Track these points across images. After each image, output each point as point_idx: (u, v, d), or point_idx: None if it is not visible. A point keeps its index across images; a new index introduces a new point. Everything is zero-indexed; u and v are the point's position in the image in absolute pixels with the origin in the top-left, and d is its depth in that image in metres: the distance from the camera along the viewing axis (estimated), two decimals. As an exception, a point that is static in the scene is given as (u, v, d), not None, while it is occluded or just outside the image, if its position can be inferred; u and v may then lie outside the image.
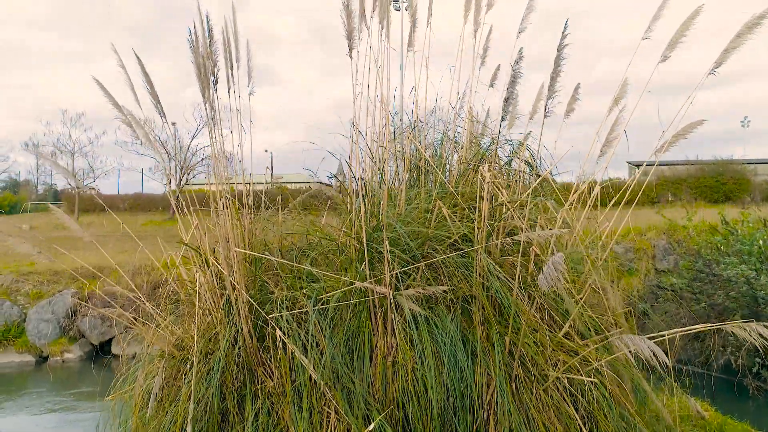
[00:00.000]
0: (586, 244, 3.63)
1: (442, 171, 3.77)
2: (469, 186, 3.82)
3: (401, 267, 3.23)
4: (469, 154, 3.85)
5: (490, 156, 3.98)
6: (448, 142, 3.96)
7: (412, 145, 3.82)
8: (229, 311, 3.42)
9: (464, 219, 3.57)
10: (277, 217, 4.44)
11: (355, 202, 3.45)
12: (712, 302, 5.69)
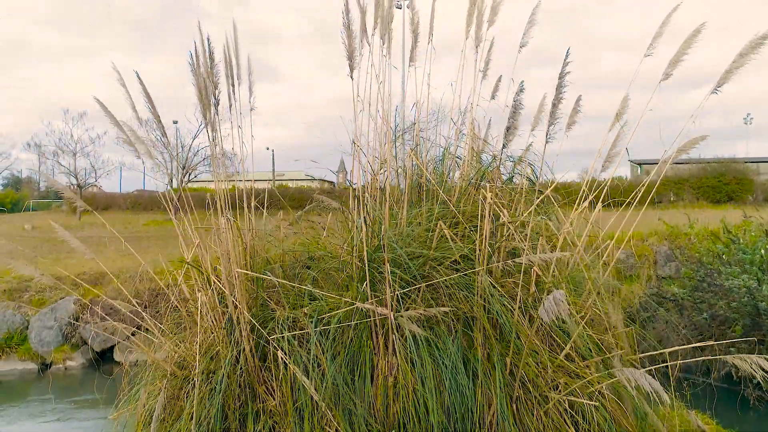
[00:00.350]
0: (587, 263, 3.63)
1: (444, 188, 3.77)
2: (471, 203, 3.82)
3: (402, 287, 3.24)
4: (470, 171, 3.85)
5: (492, 172, 3.98)
6: (450, 158, 3.97)
7: (414, 162, 3.82)
8: (231, 330, 3.43)
9: (465, 237, 3.58)
10: (278, 232, 4.46)
11: (357, 222, 3.45)
12: (714, 312, 5.69)
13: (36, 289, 7.73)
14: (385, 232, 3.29)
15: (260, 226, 4.22)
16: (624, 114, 3.96)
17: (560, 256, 3.06)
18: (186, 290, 3.78)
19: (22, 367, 6.78)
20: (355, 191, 3.68)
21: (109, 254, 11.92)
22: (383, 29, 3.78)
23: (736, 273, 6.04)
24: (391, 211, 3.66)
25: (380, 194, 3.71)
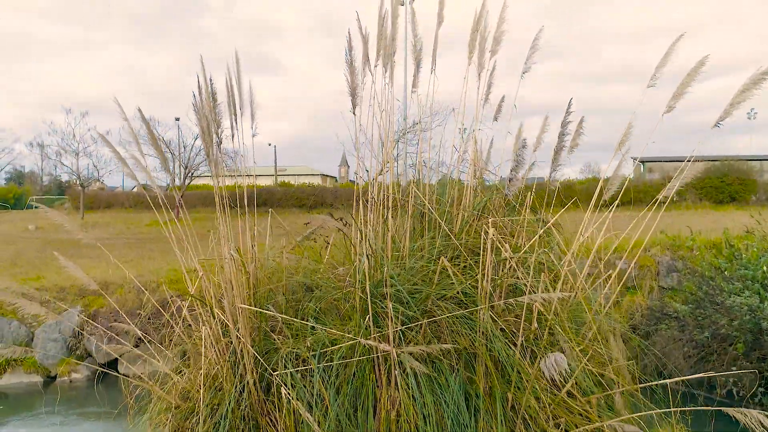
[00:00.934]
0: (588, 294, 3.64)
1: (446, 218, 3.78)
2: (473, 233, 3.84)
3: (404, 323, 3.26)
4: (473, 202, 3.86)
5: (494, 202, 3.99)
6: (452, 187, 3.98)
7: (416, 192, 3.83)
8: (235, 363, 3.46)
9: (467, 269, 3.60)
10: (281, 257, 4.47)
11: (360, 254, 3.47)
12: (716, 331, 5.71)
13: (41, 300, 7.78)
14: (387, 264, 3.30)
15: (264, 237, 4.24)
16: (627, 142, 3.98)
17: (561, 296, 3.07)
18: (189, 318, 3.81)
19: (27, 380, 6.83)
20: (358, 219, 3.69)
21: (111, 260, 11.98)
22: (386, 60, 3.78)
23: (738, 289, 6.05)
24: (394, 243, 3.68)
25: (383, 225, 3.72)
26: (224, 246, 3.77)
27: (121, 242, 15.85)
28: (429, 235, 3.75)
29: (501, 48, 3.89)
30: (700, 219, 15.18)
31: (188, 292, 3.87)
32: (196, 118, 3.24)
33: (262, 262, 4.04)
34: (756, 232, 7.50)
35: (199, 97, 3.19)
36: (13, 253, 13.03)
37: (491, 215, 3.85)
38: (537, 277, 3.34)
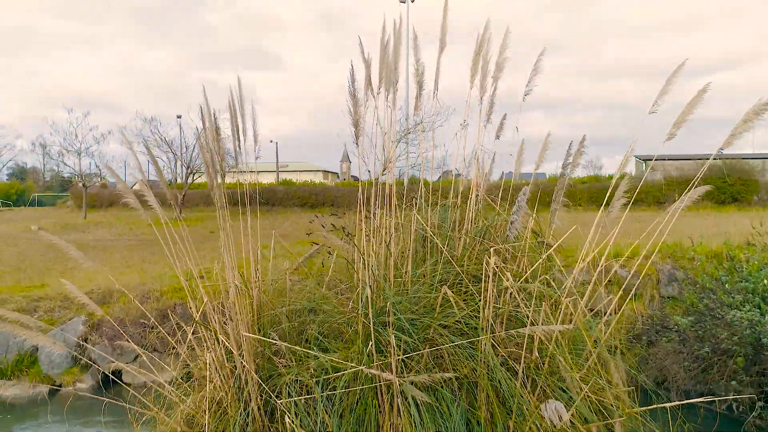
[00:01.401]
0: (588, 318, 3.68)
1: (448, 243, 3.82)
2: (475, 258, 3.87)
3: (406, 351, 3.31)
4: (474, 227, 3.89)
5: (497, 228, 4.02)
6: (455, 213, 4.01)
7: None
8: (240, 390, 3.51)
9: (469, 296, 3.63)
10: (284, 279, 4.51)
11: (363, 282, 3.50)
12: (716, 346, 5.74)
13: (45, 309, 7.83)
14: (390, 295, 3.34)
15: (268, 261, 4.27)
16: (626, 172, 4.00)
17: (562, 329, 3.10)
18: (194, 344, 3.85)
19: (33, 390, 6.89)
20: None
21: (115, 263, 12.02)
22: (387, 85, 3.81)
23: (738, 302, 6.07)
24: (396, 268, 3.71)
25: (385, 250, 3.75)
26: (228, 267, 3.80)
27: (123, 243, 15.91)
28: (431, 260, 3.78)
29: (503, 74, 3.91)
30: (701, 222, 15.17)
31: (190, 304, 3.91)
32: (199, 150, 3.26)
33: (266, 286, 4.08)
34: (757, 243, 7.52)
35: (204, 132, 3.22)
36: (17, 256, 13.09)
37: (493, 239, 3.88)
38: (538, 306, 3.38)
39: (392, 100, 3.97)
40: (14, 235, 19.52)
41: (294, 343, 3.80)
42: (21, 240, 17.58)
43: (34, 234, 19.46)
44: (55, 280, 9.54)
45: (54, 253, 13.58)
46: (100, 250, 14.39)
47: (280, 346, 3.79)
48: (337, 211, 9.50)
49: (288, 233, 17.87)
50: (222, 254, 3.82)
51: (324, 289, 4.42)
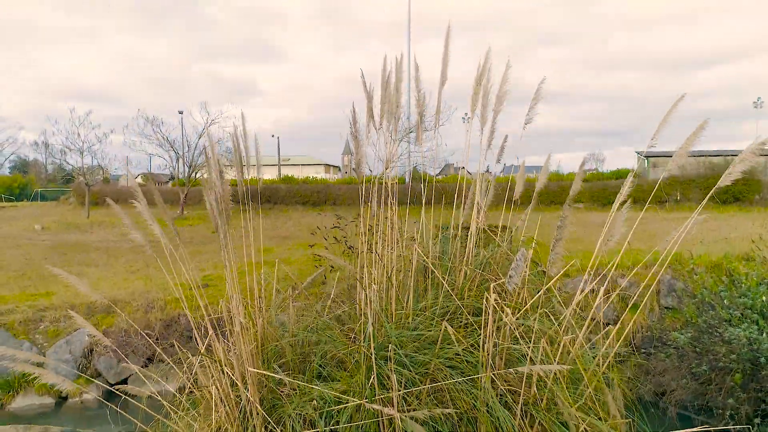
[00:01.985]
0: (585, 350, 3.74)
1: (449, 274, 3.88)
2: (475, 290, 3.93)
3: (408, 384, 3.38)
4: (475, 259, 3.95)
5: (496, 257, 4.08)
6: (455, 244, 4.06)
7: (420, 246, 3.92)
8: (244, 420, 3.59)
9: (469, 326, 3.70)
10: (289, 303, 4.58)
11: (365, 318, 3.57)
12: (714, 364, 5.80)
13: (51, 319, 7.92)
14: (392, 334, 3.40)
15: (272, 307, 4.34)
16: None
17: (559, 368, 3.16)
18: (201, 376, 3.92)
19: (39, 401, 6.99)
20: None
21: (119, 268, 12.10)
22: (389, 117, 3.85)
23: (737, 318, 6.13)
24: (398, 301, 3.78)
25: (387, 281, 3.82)
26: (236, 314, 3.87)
27: (127, 245, 15.98)
28: (432, 292, 3.84)
29: (504, 106, 3.95)
30: (702, 225, 15.24)
31: (193, 311, 3.98)
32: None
33: (270, 317, 4.14)
34: (756, 256, 7.56)
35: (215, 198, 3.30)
36: (22, 260, 13.17)
37: (493, 270, 3.94)
38: (537, 341, 3.44)
39: (394, 130, 4.02)
40: (17, 234, 19.60)
41: (297, 372, 3.89)
42: (24, 240, 17.67)
43: (38, 234, 19.55)
44: (61, 287, 9.63)
45: (58, 257, 13.69)
46: (103, 253, 14.48)
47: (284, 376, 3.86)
48: (339, 220, 9.55)
49: (290, 234, 17.94)
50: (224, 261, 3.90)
51: (326, 311, 4.50)
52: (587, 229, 15.14)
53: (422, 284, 3.98)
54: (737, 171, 3.46)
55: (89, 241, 17.06)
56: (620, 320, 8.66)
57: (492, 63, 4.14)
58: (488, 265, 3.99)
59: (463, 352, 3.43)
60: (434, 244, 4.18)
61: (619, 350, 6.71)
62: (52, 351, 7.37)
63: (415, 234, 4.35)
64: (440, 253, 4.14)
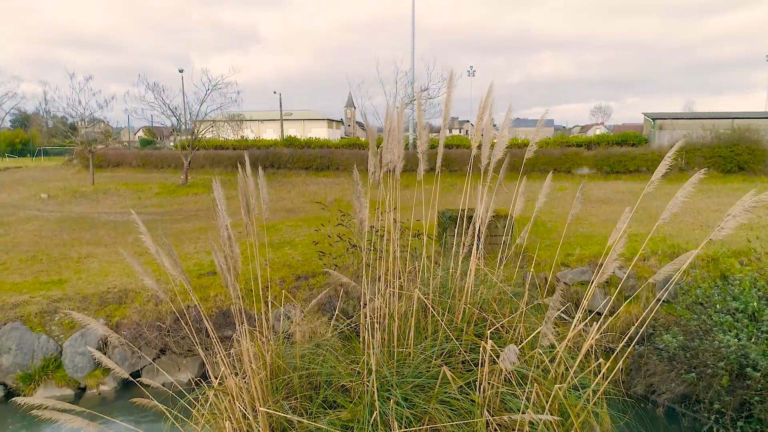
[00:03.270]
0: (574, 393, 3.96)
1: (448, 311, 4.06)
2: (472, 329, 4.12)
3: (408, 420, 3.62)
4: (473, 300, 4.11)
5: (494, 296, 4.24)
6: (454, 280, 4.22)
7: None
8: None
9: (466, 365, 3.91)
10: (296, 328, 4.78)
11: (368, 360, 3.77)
12: (702, 371, 6.06)
13: (65, 311, 8.21)
14: (391, 371, 3.61)
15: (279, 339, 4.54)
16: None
17: (548, 419, 3.37)
18: (215, 404, 4.16)
19: (59, 393, 7.35)
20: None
21: (127, 247, 12.32)
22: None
23: (728, 323, 6.35)
24: (399, 340, 3.97)
25: (389, 319, 4.01)
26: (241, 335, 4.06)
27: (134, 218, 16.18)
28: (432, 327, 4.03)
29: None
30: (703, 199, 15.27)
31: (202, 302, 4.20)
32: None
33: (279, 350, 4.35)
34: (754, 251, 7.71)
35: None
36: (33, 237, 13.42)
37: (490, 307, 4.12)
38: (531, 387, 3.65)
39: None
40: (24, 204, 19.83)
41: (305, 399, 4.14)
42: (32, 212, 17.90)
43: (45, 204, 19.79)
44: (72, 273, 9.90)
45: (67, 234, 13.92)
46: (111, 229, 14.71)
47: (292, 405, 4.11)
48: (343, 217, 9.65)
49: (295, 206, 18.10)
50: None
51: (330, 331, 4.72)
52: (590, 207, 15.24)
53: (422, 322, 4.16)
54: (731, 226, 3.53)
55: (97, 215, 17.27)
56: (617, 312, 8.93)
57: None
58: (486, 303, 4.16)
59: (460, 392, 3.64)
60: (434, 277, 4.34)
61: (614, 342, 6.95)
62: (68, 344, 7.68)
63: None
64: (440, 288, 4.30)
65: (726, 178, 20.45)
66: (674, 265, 3.55)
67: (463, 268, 4.41)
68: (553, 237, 11.05)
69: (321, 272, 9.48)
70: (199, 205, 19.02)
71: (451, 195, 18.58)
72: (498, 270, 4.46)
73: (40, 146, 57.61)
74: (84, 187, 23.80)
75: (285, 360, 4.31)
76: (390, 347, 3.96)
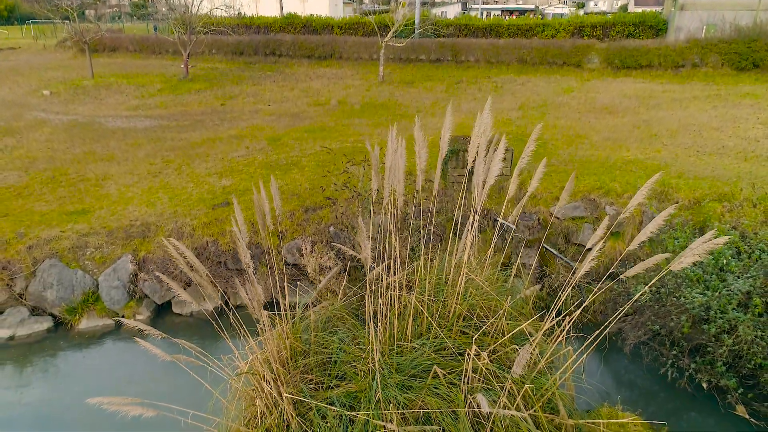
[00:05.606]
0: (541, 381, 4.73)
1: (441, 315, 4.71)
2: (462, 324, 4.79)
3: (405, 404, 4.46)
4: (462, 300, 4.73)
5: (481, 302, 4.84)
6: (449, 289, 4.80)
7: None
8: (281, 417, 4.77)
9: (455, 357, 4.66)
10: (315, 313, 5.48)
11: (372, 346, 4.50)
12: (666, 322, 6.86)
13: (94, 245, 8.96)
14: (391, 382, 4.37)
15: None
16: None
17: (517, 414, 4.16)
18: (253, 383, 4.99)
19: (102, 323, 8.36)
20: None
21: (141, 169, 12.68)
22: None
23: (698, 276, 7.05)
24: (399, 333, 4.67)
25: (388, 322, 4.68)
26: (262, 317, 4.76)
27: (141, 125, 16.35)
28: (427, 323, 4.72)
29: None
30: (707, 110, 15.21)
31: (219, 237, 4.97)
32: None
33: (296, 330, 5.08)
34: (740, 191, 8.15)
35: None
36: (47, 151, 13.80)
37: (477, 313, 4.76)
38: (505, 381, 4.41)
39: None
40: (27, 102, 19.80)
41: (319, 370, 4.98)
42: (38, 113, 18.01)
43: (48, 103, 19.74)
44: (94, 201, 10.50)
45: (79, 147, 14.24)
46: (120, 139, 15.00)
47: (311, 377, 4.96)
48: (347, 164, 9.99)
49: (300, 111, 18.05)
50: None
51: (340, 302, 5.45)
52: (593, 118, 15.23)
53: (419, 318, 4.84)
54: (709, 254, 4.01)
55: (103, 119, 17.38)
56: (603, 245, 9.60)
57: None
58: (475, 306, 4.79)
59: (447, 383, 4.43)
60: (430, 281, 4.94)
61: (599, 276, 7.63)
62: (102, 279, 8.53)
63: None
64: (434, 288, 4.91)
65: (738, 77, 19.99)
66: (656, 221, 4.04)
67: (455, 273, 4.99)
68: (552, 162, 11.39)
69: (328, 204, 10.04)
70: (204, 106, 18.99)
71: (457, 99, 18.42)
72: (485, 265, 5.03)
73: (24, 12, 54.96)
74: (84, 80, 23.47)
75: (302, 342, 5.07)
76: (390, 335, 4.69)
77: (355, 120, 16.28)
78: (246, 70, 25.85)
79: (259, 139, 14.48)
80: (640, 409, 6.45)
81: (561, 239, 9.56)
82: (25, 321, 8.22)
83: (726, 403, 6.59)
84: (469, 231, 4.75)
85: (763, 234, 7.30)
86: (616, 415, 6.22)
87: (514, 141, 13.05)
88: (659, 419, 6.46)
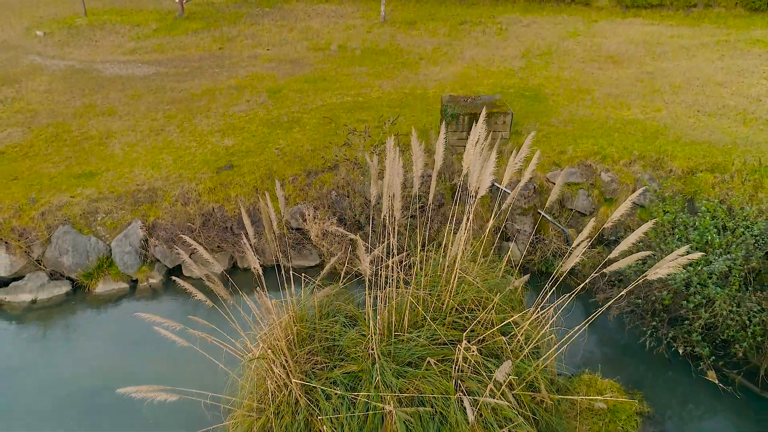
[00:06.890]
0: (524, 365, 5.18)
1: (435, 308, 5.09)
2: (455, 316, 5.18)
3: (401, 389, 4.95)
4: (455, 296, 5.09)
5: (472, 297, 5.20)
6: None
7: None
8: (290, 394, 5.30)
9: (447, 347, 5.10)
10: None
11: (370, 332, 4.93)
12: (648, 293, 7.29)
13: (104, 211, 9.29)
14: (387, 373, 4.82)
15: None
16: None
17: (499, 403, 4.63)
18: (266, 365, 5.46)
19: (117, 286, 8.84)
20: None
21: (143, 124, 12.72)
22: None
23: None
24: (397, 323, 5.09)
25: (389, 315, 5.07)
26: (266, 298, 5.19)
27: (139, 72, 16.14)
28: (422, 316, 5.12)
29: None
30: (714, 60, 14.94)
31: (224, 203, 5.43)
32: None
33: (302, 315, 5.49)
34: (732, 164, 8.35)
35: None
36: (48, 104, 13.80)
37: (468, 306, 5.13)
38: (495, 365, 4.86)
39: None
40: (21, 43, 19.42)
41: (324, 351, 5.46)
42: (34, 59, 17.74)
43: (43, 45, 19.32)
44: (100, 162, 10.69)
45: (79, 99, 14.18)
46: (120, 90, 14.91)
47: (316, 359, 5.45)
48: (349, 136, 10.09)
49: (299, 56, 17.73)
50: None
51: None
52: (597, 69, 15.00)
53: (415, 311, 5.23)
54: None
55: (101, 65, 17.13)
56: (596, 211, 9.91)
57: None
58: (467, 300, 5.16)
59: (439, 371, 4.90)
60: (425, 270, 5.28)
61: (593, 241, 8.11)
62: (115, 244, 8.93)
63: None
64: (430, 287, 5.27)
65: (750, 20, 19.36)
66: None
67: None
68: (552, 122, 11.44)
69: (330, 167, 10.24)
70: (202, 50, 18.63)
71: (460, 44, 18.00)
72: (479, 260, 5.36)
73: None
74: (77, 17, 22.82)
75: (307, 327, 5.51)
76: (389, 326, 5.12)
77: (355, 68, 16.05)
78: (243, 6, 25.01)
79: (259, 90, 14.39)
80: (619, 374, 7.02)
81: (556, 204, 9.84)
82: (45, 285, 8.70)
83: (698, 369, 7.16)
84: (463, 231, 5.05)
85: (749, 210, 7.57)
86: (596, 381, 6.81)
87: (515, 97, 12.99)
88: (636, 382, 7.06)
